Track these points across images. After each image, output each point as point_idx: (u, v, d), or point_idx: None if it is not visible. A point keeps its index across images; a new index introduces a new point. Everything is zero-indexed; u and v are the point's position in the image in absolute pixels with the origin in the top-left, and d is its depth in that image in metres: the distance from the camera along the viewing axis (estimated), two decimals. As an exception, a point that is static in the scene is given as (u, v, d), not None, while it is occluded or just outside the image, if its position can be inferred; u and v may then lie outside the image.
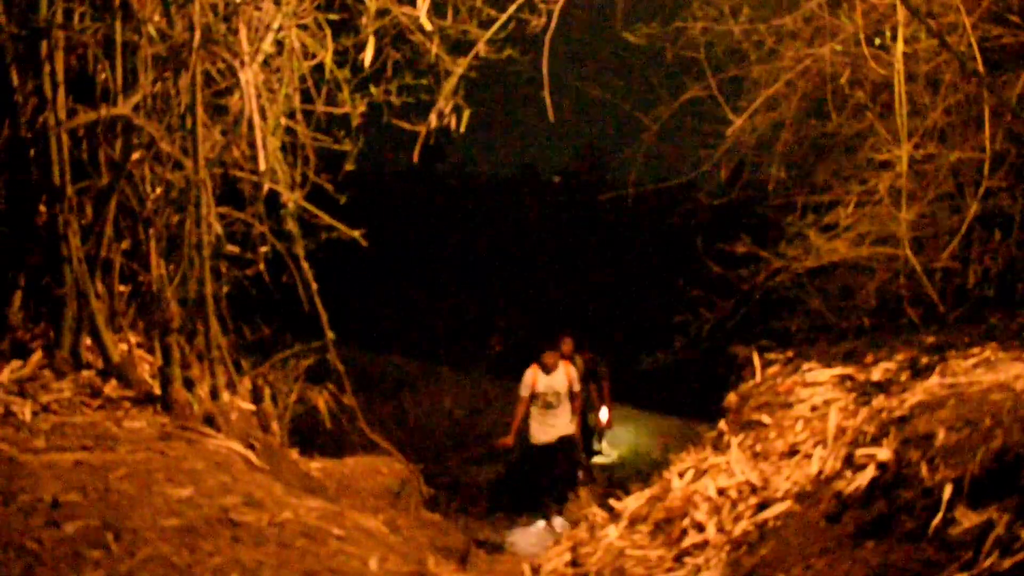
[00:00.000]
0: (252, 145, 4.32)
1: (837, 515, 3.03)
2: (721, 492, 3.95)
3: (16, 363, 3.81)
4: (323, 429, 5.42)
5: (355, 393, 5.37)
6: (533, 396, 8.70)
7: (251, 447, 3.96)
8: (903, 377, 4.28)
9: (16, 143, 4.06)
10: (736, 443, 4.45)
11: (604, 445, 10.90)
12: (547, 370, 8.67)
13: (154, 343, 4.25)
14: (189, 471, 3.08)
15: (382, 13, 4.74)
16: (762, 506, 3.61)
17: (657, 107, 6.58)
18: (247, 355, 5.08)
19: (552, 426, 8.69)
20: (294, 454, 4.81)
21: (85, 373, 3.92)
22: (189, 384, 4.09)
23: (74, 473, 2.89)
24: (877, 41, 4.92)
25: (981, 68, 4.43)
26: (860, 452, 3.32)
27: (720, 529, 3.68)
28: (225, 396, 4.36)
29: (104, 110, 4.17)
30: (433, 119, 4.85)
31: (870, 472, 3.08)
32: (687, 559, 3.64)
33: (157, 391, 3.95)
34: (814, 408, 4.36)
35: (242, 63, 4.17)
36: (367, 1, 4.69)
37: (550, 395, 8.64)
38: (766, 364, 5.43)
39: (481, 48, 4.84)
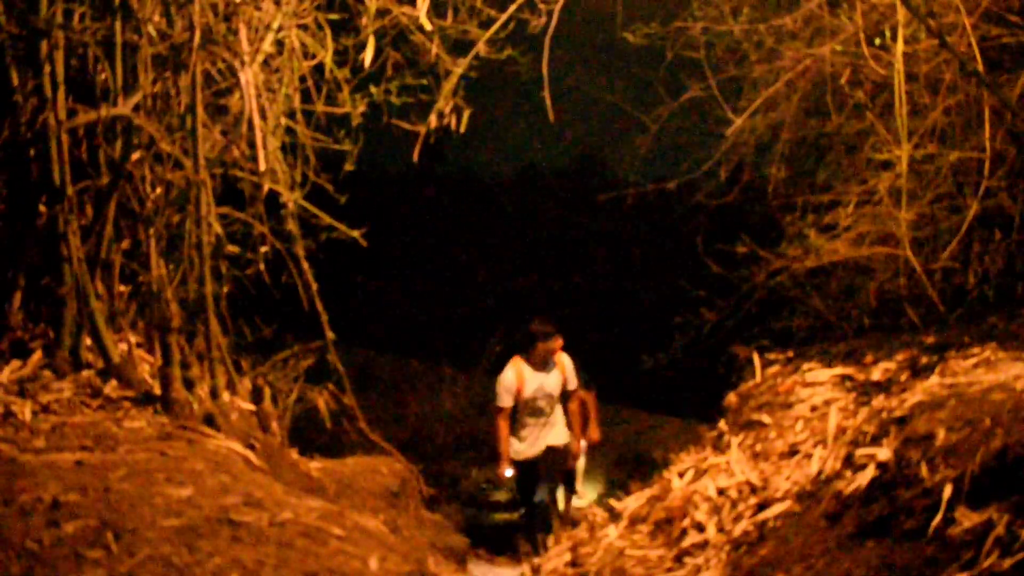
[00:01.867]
0: (252, 145, 4.33)
1: (837, 515, 3.03)
2: (721, 492, 3.95)
3: (16, 363, 3.81)
4: (323, 429, 5.42)
5: (355, 393, 5.38)
6: (517, 403, 6.56)
7: (251, 447, 3.96)
8: (903, 377, 4.28)
9: (16, 143, 4.06)
10: (736, 443, 4.45)
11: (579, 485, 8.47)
12: (539, 366, 6.51)
13: (154, 343, 4.25)
14: (189, 471, 3.08)
15: (382, 13, 4.74)
16: (762, 506, 3.61)
17: (657, 107, 6.59)
18: (247, 355, 5.09)
19: (544, 440, 6.78)
20: (294, 454, 4.80)
21: (85, 373, 3.92)
22: (189, 384, 4.10)
23: (74, 473, 2.89)
24: (877, 41, 4.92)
25: (981, 68, 4.43)
26: (860, 452, 3.32)
27: (720, 529, 3.68)
28: (225, 396, 4.36)
29: (104, 110, 4.17)
30: (433, 119, 4.85)
31: (870, 472, 3.08)
32: (687, 559, 3.64)
33: (157, 391, 3.95)
34: (814, 408, 4.36)
35: (242, 63, 4.17)
36: (367, 1, 4.69)
37: (540, 399, 6.50)
38: (766, 364, 5.42)
39: (481, 48, 4.84)
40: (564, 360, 6.78)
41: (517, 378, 6.50)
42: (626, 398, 12.53)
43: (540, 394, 6.53)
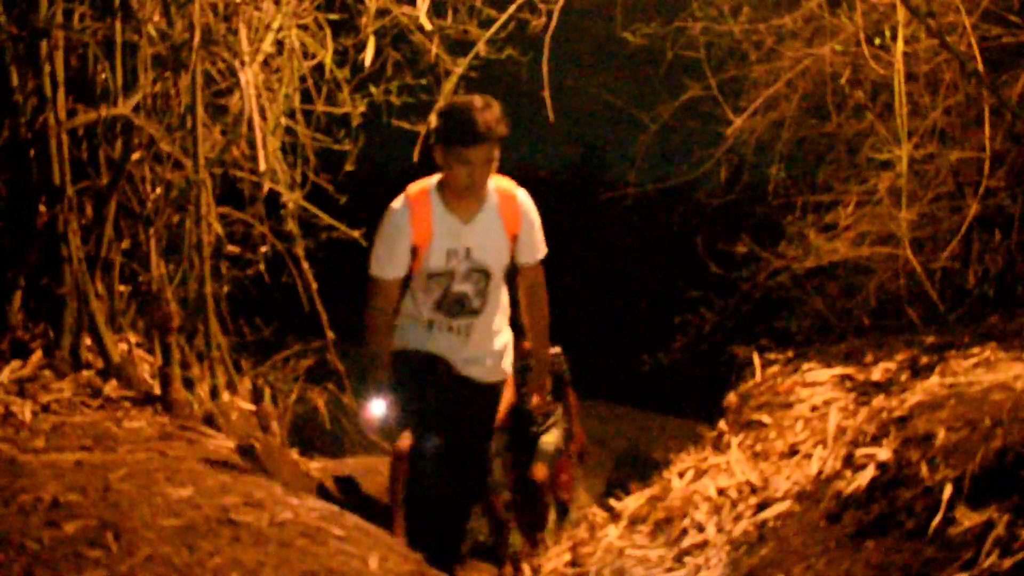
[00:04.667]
0: (252, 145, 4.33)
1: (837, 515, 3.03)
2: (721, 492, 3.94)
3: (16, 363, 3.81)
4: (323, 429, 5.42)
5: (355, 393, 5.39)
6: (412, 276, 3.30)
7: (251, 447, 3.97)
8: (903, 377, 4.28)
9: (16, 143, 4.06)
10: (736, 443, 4.45)
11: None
12: (463, 202, 3.23)
13: (154, 343, 4.26)
14: (189, 471, 3.08)
15: (382, 13, 4.74)
16: (762, 506, 3.60)
17: (657, 107, 6.59)
18: (247, 355, 5.09)
19: (463, 367, 3.39)
20: (294, 454, 4.81)
21: (85, 373, 3.92)
22: (189, 384, 4.10)
23: (74, 473, 2.89)
24: (877, 41, 4.91)
25: (981, 68, 4.43)
26: (860, 452, 3.32)
27: (720, 529, 3.68)
28: (225, 396, 4.36)
29: (104, 110, 4.17)
30: (433, 119, 4.85)
31: (870, 472, 3.08)
32: (687, 559, 3.64)
33: (157, 391, 3.95)
34: (814, 408, 4.36)
35: (242, 63, 4.17)
36: (367, 1, 4.69)
37: (462, 279, 3.25)
38: (766, 364, 5.42)
39: (481, 48, 4.84)
40: (519, 203, 3.37)
41: (414, 222, 3.20)
42: (626, 398, 12.51)
43: (462, 265, 3.24)
